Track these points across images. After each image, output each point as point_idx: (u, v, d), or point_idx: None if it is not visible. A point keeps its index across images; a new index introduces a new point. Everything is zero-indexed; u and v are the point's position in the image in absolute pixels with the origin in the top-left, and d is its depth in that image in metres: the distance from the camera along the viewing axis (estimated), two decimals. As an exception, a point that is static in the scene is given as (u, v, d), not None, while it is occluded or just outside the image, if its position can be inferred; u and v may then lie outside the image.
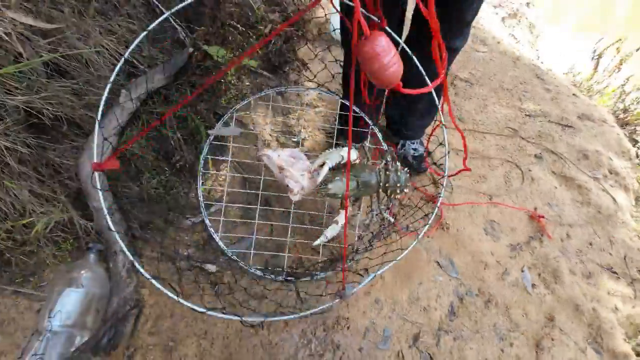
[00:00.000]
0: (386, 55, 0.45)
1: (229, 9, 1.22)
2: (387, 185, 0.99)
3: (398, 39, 0.96)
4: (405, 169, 1.02)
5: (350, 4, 0.72)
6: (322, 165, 0.93)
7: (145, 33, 0.76)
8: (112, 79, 0.74)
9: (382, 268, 0.86)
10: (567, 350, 1.09)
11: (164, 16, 0.78)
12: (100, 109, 0.71)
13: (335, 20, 1.72)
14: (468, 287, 1.17)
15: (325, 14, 1.10)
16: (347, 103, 1.29)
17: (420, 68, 0.95)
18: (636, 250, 1.34)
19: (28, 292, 0.91)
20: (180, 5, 0.82)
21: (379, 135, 1.19)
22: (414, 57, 0.93)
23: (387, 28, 0.73)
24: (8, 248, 0.87)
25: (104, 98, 0.73)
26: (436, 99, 1.11)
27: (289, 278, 1.02)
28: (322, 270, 1.05)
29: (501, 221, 1.33)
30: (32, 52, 0.89)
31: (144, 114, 1.14)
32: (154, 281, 0.69)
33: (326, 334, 0.99)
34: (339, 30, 1.15)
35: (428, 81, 0.97)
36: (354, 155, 0.98)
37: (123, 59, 0.73)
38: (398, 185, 0.99)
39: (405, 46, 0.95)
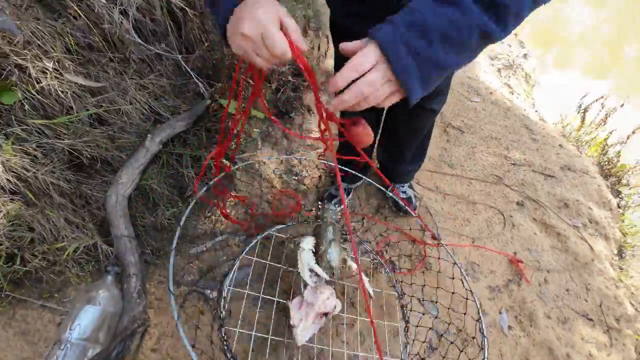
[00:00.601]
0: (366, 133, 0.66)
1: (243, 67, 1.43)
2: (334, 218, 1.14)
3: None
4: (326, 202, 1.18)
5: None
6: (313, 273, 0.99)
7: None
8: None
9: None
10: (539, 393, 1.15)
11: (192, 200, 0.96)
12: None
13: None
14: (447, 326, 1.25)
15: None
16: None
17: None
18: (612, 298, 1.40)
19: (52, 306, 1.05)
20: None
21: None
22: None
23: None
24: (41, 267, 1.02)
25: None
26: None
27: None
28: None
29: (481, 263, 1.42)
30: (80, 106, 1.09)
31: (165, 154, 1.32)
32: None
33: (310, 362, 1.08)
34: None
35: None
36: (311, 242, 1.06)
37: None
38: (336, 209, 1.16)
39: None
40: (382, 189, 1.45)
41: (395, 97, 0.50)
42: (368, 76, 0.47)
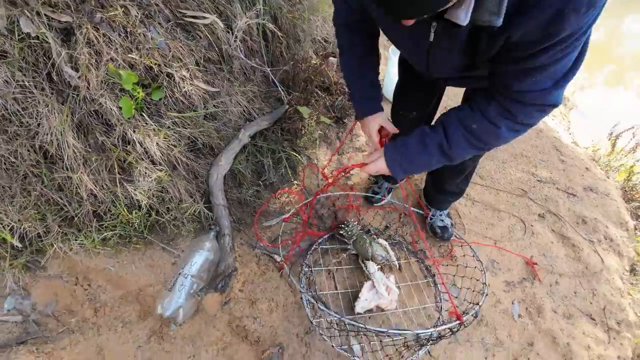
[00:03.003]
0: None
1: (316, 82, 1.76)
2: (358, 229, 1.53)
3: None
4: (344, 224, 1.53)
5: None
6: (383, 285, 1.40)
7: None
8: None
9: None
10: (539, 369, 1.39)
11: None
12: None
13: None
14: (466, 306, 1.52)
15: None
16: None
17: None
18: (616, 305, 1.61)
19: (170, 250, 1.42)
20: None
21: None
22: None
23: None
24: (168, 220, 1.40)
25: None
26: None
27: None
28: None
29: (501, 262, 1.67)
30: (201, 105, 1.46)
31: (250, 145, 1.68)
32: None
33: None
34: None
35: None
36: (373, 264, 1.43)
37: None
38: (354, 224, 1.54)
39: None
40: (421, 213, 1.71)
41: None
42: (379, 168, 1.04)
